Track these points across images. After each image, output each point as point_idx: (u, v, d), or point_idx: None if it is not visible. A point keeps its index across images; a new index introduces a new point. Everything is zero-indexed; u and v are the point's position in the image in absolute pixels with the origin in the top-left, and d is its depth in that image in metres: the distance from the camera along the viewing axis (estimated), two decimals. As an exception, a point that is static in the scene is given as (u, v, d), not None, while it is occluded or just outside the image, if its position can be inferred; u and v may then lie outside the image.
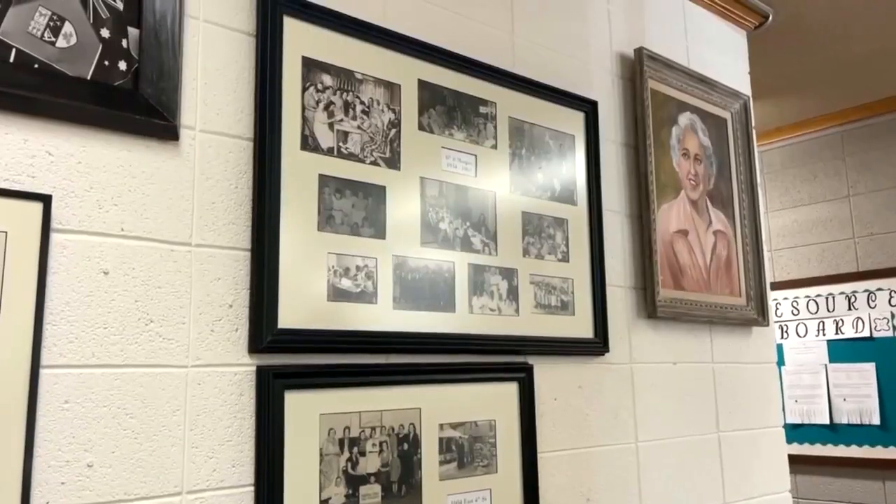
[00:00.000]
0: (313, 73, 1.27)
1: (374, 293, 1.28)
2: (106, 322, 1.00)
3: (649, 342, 1.81)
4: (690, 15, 2.15)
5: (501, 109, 1.56)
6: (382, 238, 1.31)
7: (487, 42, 1.58)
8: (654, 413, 1.78)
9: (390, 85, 1.37)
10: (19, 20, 0.97)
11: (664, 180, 1.89)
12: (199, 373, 1.08)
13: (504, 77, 1.57)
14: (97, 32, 1.04)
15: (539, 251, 1.57)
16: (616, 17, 1.91)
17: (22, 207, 0.93)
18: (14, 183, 0.95)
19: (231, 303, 1.13)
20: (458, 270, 1.41)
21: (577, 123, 1.71)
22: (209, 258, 1.11)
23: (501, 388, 1.45)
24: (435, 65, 1.45)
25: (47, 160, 0.98)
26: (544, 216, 1.60)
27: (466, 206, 1.45)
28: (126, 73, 1.06)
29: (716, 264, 2.00)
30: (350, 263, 1.26)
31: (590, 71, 1.80)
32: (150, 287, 1.05)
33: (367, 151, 1.32)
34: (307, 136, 1.24)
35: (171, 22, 1.11)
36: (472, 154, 1.49)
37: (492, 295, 1.46)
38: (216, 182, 1.14)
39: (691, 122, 2.01)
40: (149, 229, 1.06)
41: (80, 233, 1.00)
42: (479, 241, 1.46)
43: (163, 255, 1.07)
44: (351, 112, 1.31)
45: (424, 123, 1.42)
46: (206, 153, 1.13)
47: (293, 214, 1.20)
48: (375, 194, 1.32)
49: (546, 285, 1.57)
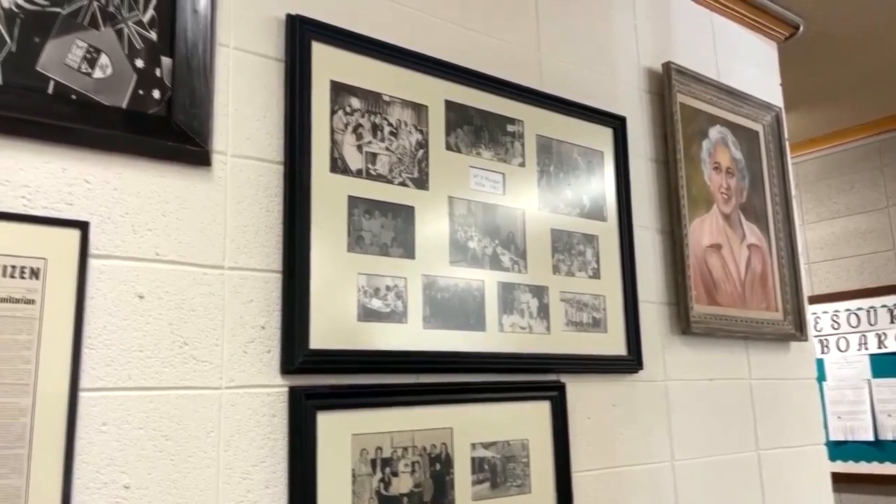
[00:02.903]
0: (341, 96, 1.29)
1: (403, 313, 1.28)
2: (141, 345, 1.02)
3: (684, 359, 1.78)
4: (719, 28, 2.13)
5: (529, 127, 1.56)
6: (412, 258, 1.32)
7: (514, 60, 1.59)
8: (690, 431, 1.75)
9: (417, 106, 1.39)
10: (57, 53, 1.01)
11: (696, 194, 1.87)
12: (232, 394, 1.09)
13: (531, 95, 1.57)
14: (132, 62, 1.07)
15: (569, 268, 1.56)
16: (643, 32, 1.90)
17: (61, 234, 0.96)
18: (53, 210, 0.98)
19: (263, 324, 1.14)
20: (488, 289, 1.41)
21: (605, 139, 1.70)
22: (241, 281, 1.13)
23: (534, 406, 1.44)
24: (461, 85, 1.46)
25: (85, 188, 1.01)
26: (574, 233, 1.59)
27: (495, 225, 1.46)
28: (160, 101, 1.08)
29: (751, 278, 1.97)
30: (380, 283, 1.27)
31: (617, 87, 1.80)
32: (184, 310, 1.07)
33: (395, 172, 1.33)
34: (336, 158, 1.26)
35: (202, 50, 1.13)
36: (500, 172, 1.49)
37: (522, 313, 1.46)
38: (248, 205, 1.16)
39: (722, 136, 1.99)
40: (182, 253, 1.08)
41: (116, 258, 1.02)
42: (508, 259, 1.46)
43: (196, 278, 1.09)
44: (379, 134, 1.32)
45: (452, 143, 1.43)
46: (237, 177, 1.15)
47: (323, 236, 1.21)
48: (404, 214, 1.33)
49: (577, 302, 1.56)
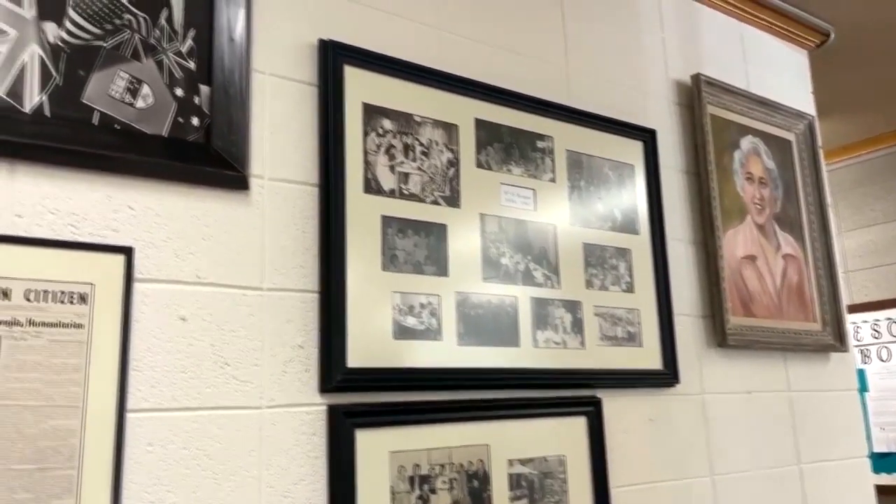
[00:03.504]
0: (374, 118, 1.31)
1: (438, 330, 1.30)
2: (184, 366, 1.05)
3: (721, 372, 1.76)
4: (748, 38, 2.12)
5: (559, 143, 1.57)
6: (445, 275, 1.33)
7: (542, 77, 1.60)
8: (729, 445, 1.73)
9: (448, 125, 1.41)
10: (101, 85, 1.04)
11: (728, 205, 1.86)
12: (272, 413, 1.11)
13: (560, 111, 1.58)
14: (171, 91, 1.10)
15: (602, 282, 1.56)
16: (671, 44, 1.90)
17: (107, 260, 0.99)
18: (99, 237, 1.01)
19: (301, 344, 1.16)
20: (521, 305, 1.42)
21: (635, 153, 1.71)
22: (280, 301, 1.15)
23: (570, 422, 1.44)
24: (491, 103, 1.48)
25: (129, 214, 1.04)
26: (606, 247, 1.59)
27: (527, 240, 1.46)
28: (199, 128, 1.12)
29: (787, 289, 1.95)
30: (414, 301, 1.28)
31: (646, 100, 1.80)
32: (225, 331, 1.09)
33: (427, 191, 1.35)
34: (370, 179, 1.28)
35: (238, 77, 1.16)
36: (531, 188, 1.50)
37: (556, 328, 1.46)
38: (285, 227, 1.18)
39: (754, 146, 1.98)
40: (223, 275, 1.11)
41: (159, 282, 1.05)
42: (540, 275, 1.47)
43: (236, 299, 1.11)
44: (411, 154, 1.34)
45: (482, 161, 1.44)
46: (274, 200, 1.18)
47: (358, 255, 1.23)
48: (437, 232, 1.34)
49: (611, 317, 1.56)
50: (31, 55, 0.99)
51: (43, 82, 1.00)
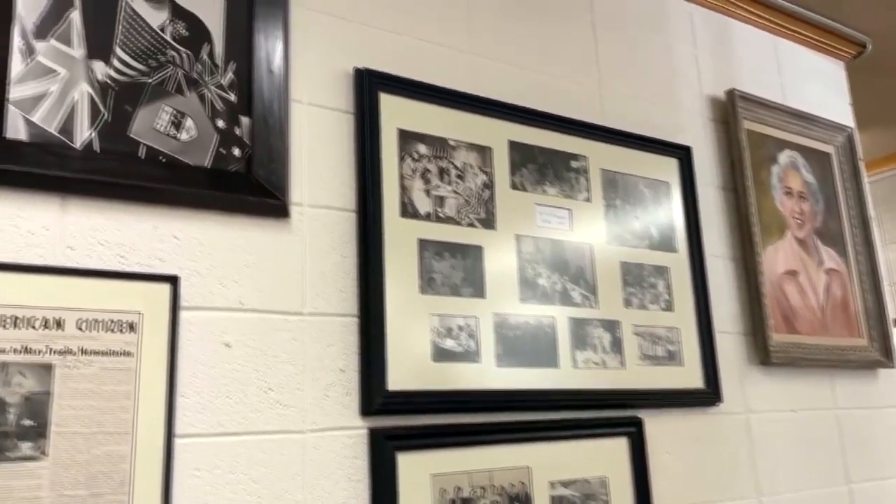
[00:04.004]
0: (409, 143, 1.33)
1: (476, 352, 1.30)
2: (229, 392, 1.07)
3: (765, 390, 1.73)
4: (783, 51, 2.11)
5: (593, 162, 1.57)
6: (482, 297, 1.34)
7: (575, 97, 1.61)
8: (776, 465, 1.69)
9: (482, 148, 1.42)
10: (147, 119, 1.08)
11: (767, 221, 1.83)
12: (315, 437, 1.12)
13: (593, 130, 1.58)
14: (214, 123, 1.14)
15: (641, 301, 1.55)
16: (704, 60, 1.90)
17: (154, 289, 1.02)
18: (146, 267, 1.04)
19: (342, 367, 1.17)
20: (559, 325, 1.42)
21: (671, 170, 1.70)
22: (321, 326, 1.17)
23: (612, 443, 1.43)
24: (524, 125, 1.49)
25: (174, 244, 1.07)
26: (644, 265, 1.58)
27: (563, 260, 1.46)
28: (240, 158, 1.15)
29: (831, 304, 1.91)
30: (452, 324, 1.29)
31: (680, 117, 1.79)
32: (268, 356, 1.11)
33: (463, 214, 1.36)
34: (406, 203, 1.30)
35: (277, 108, 1.19)
36: (566, 208, 1.50)
37: (595, 348, 1.45)
38: (324, 253, 1.20)
39: (792, 160, 1.95)
40: (265, 301, 1.13)
41: (204, 309, 1.07)
42: (578, 295, 1.46)
43: (278, 325, 1.13)
44: (446, 177, 1.36)
45: (517, 182, 1.45)
46: (314, 227, 1.20)
47: (396, 279, 1.24)
48: (473, 254, 1.35)
49: (651, 336, 1.55)
50: (81, 93, 1.03)
51: (92, 118, 1.03)
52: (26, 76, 1.00)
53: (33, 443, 0.90)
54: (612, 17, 1.74)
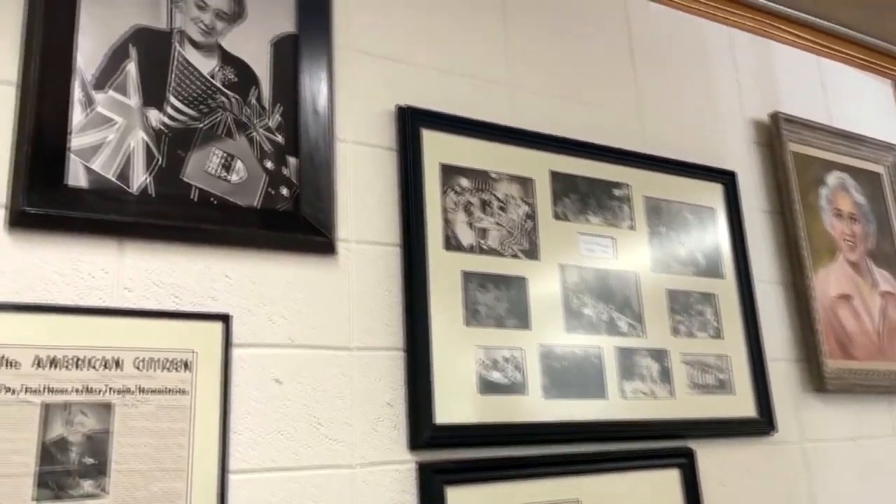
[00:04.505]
0: (451, 177, 1.35)
1: (523, 384, 1.30)
2: (280, 428, 1.08)
3: (821, 418, 1.68)
4: (827, 72, 2.08)
5: (636, 190, 1.56)
6: (527, 328, 1.34)
7: (615, 126, 1.61)
8: (835, 496, 1.64)
9: (524, 180, 1.43)
10: (199, 162, 1.12)
11: (817, 244, 1.80)
12: (365, 472, 1.13)
13: (635, 158, 1.58)
14: (262, 165, 1.17)
15: (689, 329, 1.53)
16: (746, 84, 1.88)
17: (207, 328, 1.05)
18: (200, 306, 1.07)
19: (390, 401, 1.18)
20: (606, 355, 1.40)
21: (715, 195, 1.68)
22: (368, 360, 1.18)
23: (663, 475, 1.40)
24: (565, 155, 1.49)
25: (226, 283, 1.10)
26: (691, 292, 1.56)
27: (608, 289, 1.46)
28: (288, 197, 1.18)
29: (888, 328, 1.85)
30: (497, 356, 1.29)
31: (724, 141, 1.78)
32: (317, 391, 1.13)
33: (506, 245, 1.37)
34: (449, 236, 1.31)
35: (323, 147, 1.22)
36: (610, 237, 1.50)
37: (643, 378, 1.44)
38: (370, 288, 1.22)
39: (841, 181, 1.92)
40: (314, 337, 1.15)
41: (255, 346, 1.10)
42: (624, 324, 1.45)
43: (327, 360, 1.15)
44: (488, 209, 1.37)
45: (559, 212, 1.45)
46: (360, 262, 1.22)
47: (441, 312, 1.25)
48: (517, 286, 1.35)
49: (700, 364, 1.52)
50: (137, 140, 1.08)
51: (147, 164, 1.08)
52: (86, 126, 1.04)
53: (94, 481, 0.93)
54: (650, 44, 1.74)
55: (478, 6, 1.50)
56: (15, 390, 0.91)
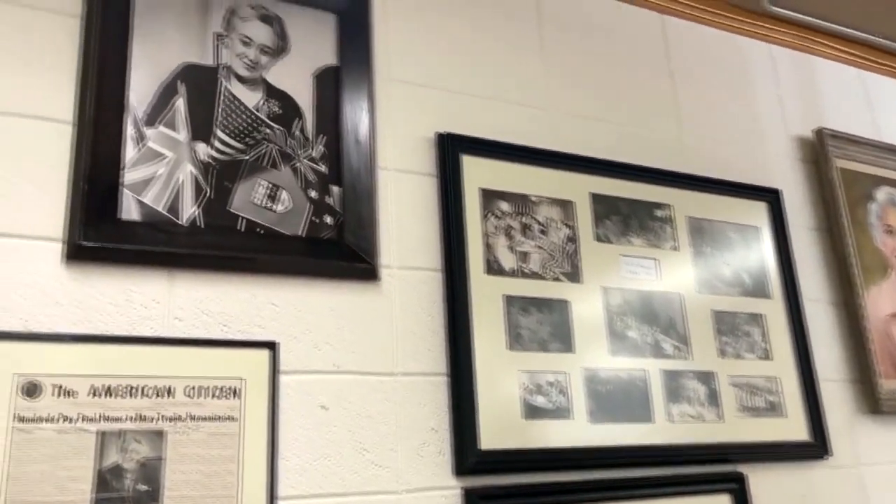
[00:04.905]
0: (491, 201, 1.35)
1: (568, 408, 1.29)
2: (327, 453, 1.09)
3: (878, 441, 1.63)
4: (872, 85, 2.04)
5: (678, 210, 1.55)
6: (571, 351, 1.33)
7: (655, 146, 1.60)
8: (895, 522, 1.58)
9: (564, 202, 1.43)
10: (245, 194, 1.15)
11: (868, 261, 1.75)
12: (410, 498, 1.13)
13: (676, 178, 1.57)
14: (306, 194, 1.19)
15: (737, 350, 1.51)
16: (788, 101, 1.86)
17: (254, 355, 1.07)
18: (247, 334, 1.09)
19: (435, 427, 1.18)
20: (652, 378, 1.39)
21: (760, 214, 1.66)
22: (412, 385, 1.19)
23: (713, 500, 1.37)
24: (605, 177, 1.49)
25: (272, 311, 1.12)
26: (738, 313, 1.54)
27: (653, 311, 1.44)
28: (332, 226, 1.20)
29: (946, 347, 1.79)
30: (541, 380, 1.28)
31: (767, 159, 1.76)
32: (362, 417, 1.14)
33: (547, 268, 1.36)
34: (490, 260, 1.32)
35: (365, 175, 1.24)
36: (653, 258, 1.49)
37: (690, 401, 1.41)
38: (413, 313, 1.23)
39: (890, 196, 1.87)
40: (358, 363, 1.16)
41: (301, 373, 1.11)
42: (670, 346, 1.43)
43: (372, 386, 1.16)
44: (529, 233, 1.37)
45: (601, 234, 1.45)
46: (402, 288, 1.23)
47: (484, 336, 1.26)
48: (559, 309, 1.35)
49: (749, 386, 1.49)
50: (186, 173, 1.11)
51: (196, 196, 1.11)
52: (138, 161, 1.08)
53: (148, 507, 0.95)
54: (689, 64, 1.74)
55: (514, 31, 1.52)
56: (72, 419, 0.94)
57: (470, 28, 1.47)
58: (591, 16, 1.64)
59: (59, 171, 1.04)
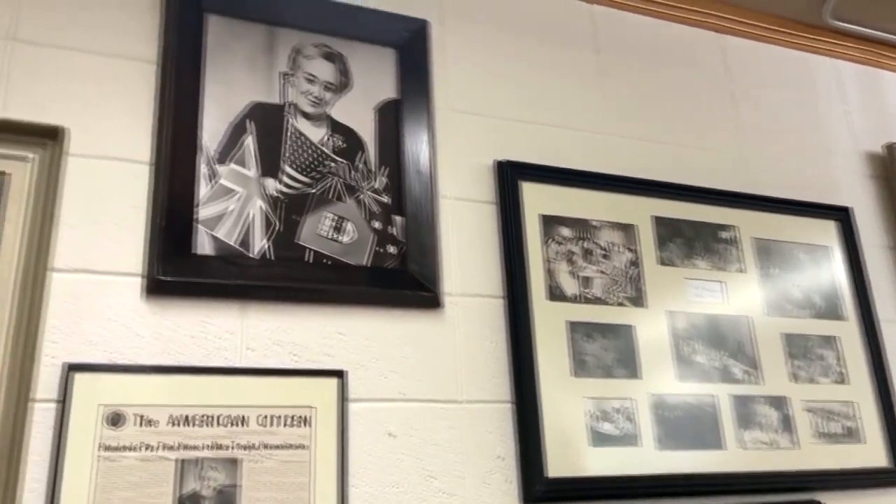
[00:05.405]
0: (552, 227, 1.36)
1: (635, 435, 1.27)
2: (396, 481, 1.11)
3: (966, 468, 1.55)
4: (944, 96, 1.97)
5: (744, 231, 1.52)
6: (637, 377, 1.31)
7: (718, 167, 1.58)
8: None
9: (626, 226, 1.42)
10: (312, 226, 1.18)
11: (948, 279, 1.68)
12: (478, 526, 1.13)
13: (741, 199, 1.54)
14: (370, 225, 1.22)
15: (810, 374, 1.46)
16: (855, 116, 1.81)
17: (324, 384, 1.09)
18: (316, 363, 1.12)
19: (501, 454, 1.19)
20: (722, 403, 1.36)
21: (829, 233, 1.61)
22: (477, 413, 1.19)
23: (790, 531, 1.33)
24: (667, 199, 1.48)
25: (340, 340, 1.15)
26: (809, 336, 1.50)
27: (720, 335, 1.41)
28: (395, 255, 1.22)
29: None
30: (607, 406, 1.27)
31: (835, 177, 1.71)
32: (429, 445, 1.15)
33: (611, 293, 1.36)
34: (552, 286, 1.32)
35: (426, 205, 1.27)
36: (719, 281, 1.46)
37: (762, 427, 1.38)
38: (477, 341, 1.24)
39: (969, 211, 1.79)
40: (423, 391, 1.17)
41: (368, 401, 1.13)
42: (739, 371, 1.40)
43: (437, 413, 1.17)
44: (591, 258, 1.37)
45: (665, 258, 1.43)
46: (465, 315, 1.25)
47: (548, 363, 1.25)
48: (624, 334, 1.34)
49: (824, 411, 1.44)
50: (256, 208, 1.15)
51: (266, 230, 1.15)
52: (211, 198, 1.13)
53: (225, 534, 0.98)
54: (750, 82, 1.71)
55: (570, 57, 1.53)
56: (153, 447, 0.98)
57: (525, 56, 1.49)
58: (648, 38, 1.64)
59: (138, 210, 1.09)
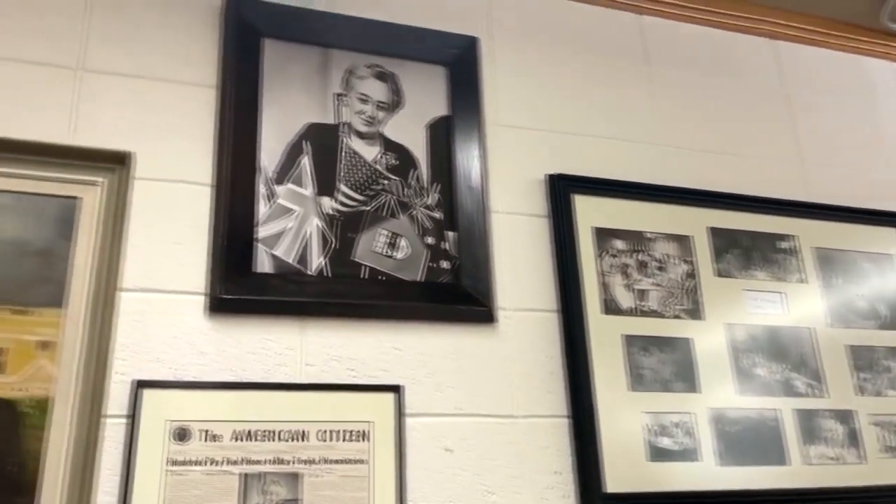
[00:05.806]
0: (605, 240, 1.35)
1: (695, 450, 1.25)
2: (453, 496, 1.11)
3: None
4: None
5: (803, 241, 1.49)
6: (696, 391, 1.29)
7: (774, 176, 1.55)
8: None
9: (681, 238, 1.40)
10: (367, 243, 1.20)
11: None
12: (537, 542, 1.13)
13: (799, 208, 1.51)
14: (423, 241, 1.23)
15: (877, 387, 1.42)
16: (919, 120, 1.75)
17: (381, 399, 1.11)
18: (373, 378, 1.13)
19: (558, 470, 1.18)
20: (785, 418, 1.32)
21: (893, 241, 1.56)
22: (533, 428, 1.19)
23: (861, 550, 1.28)
24: (723, 210, 1.45)
25: (396, 355, 1.16)
26: (875, 347, 1.45)
27: (781, 347, 1.38)
28: (449, 270, 1.23)
29: None
30: (665, 421, 1.25)
31: (898, 182, 1.66)
32: (486, 460, 1.15)
33: (667, 306, 1.34)
34: (607, 299, 1.31)
35: (478, 220, 1.27)
36: (779, 292, 1.43)
37: (828, 441, 1.34)
38: (531, 355, 1.24)
39: None
40: (479, 406, 1.18)
41: (424, 415, 1.14)
42: (802, 384, 1.37)
43: (493, 428, 1.17)
44: (646, 270, 1.35)
45: (722, 269, 1.41)
46: (518, 329, 1.25)
47: (604, 377, 1.24)
48: (682, 347, 1.32)
49: (892, 425, 1.40)
50: (313, 226, 1.18)
51: (322, 247, 1.17)
52: (270, 217, 1.16)
53: (287, 547, 1.00)
54: (806, 88, 1.68)
55: (620, 69, 1.52)
56: (218, 462, 1.00)
57: (575, 69, 1.49)
58: (699, 47, 1.62)
59: (200, 230, 1.13)
